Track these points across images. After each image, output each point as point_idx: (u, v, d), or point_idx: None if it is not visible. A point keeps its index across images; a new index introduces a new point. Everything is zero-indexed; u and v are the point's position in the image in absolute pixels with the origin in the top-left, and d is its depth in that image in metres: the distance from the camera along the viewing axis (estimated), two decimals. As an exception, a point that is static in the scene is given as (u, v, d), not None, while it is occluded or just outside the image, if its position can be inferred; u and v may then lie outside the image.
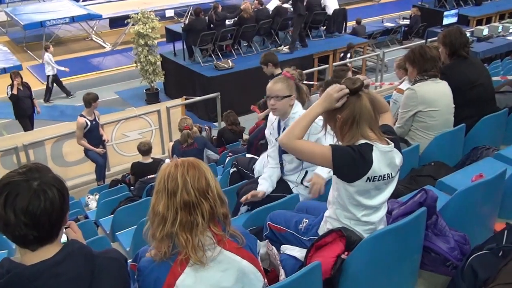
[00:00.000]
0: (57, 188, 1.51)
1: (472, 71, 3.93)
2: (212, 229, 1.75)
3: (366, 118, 2.12)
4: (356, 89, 2.11)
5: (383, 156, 2.10)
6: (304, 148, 2.15)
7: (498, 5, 15.95)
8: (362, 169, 2.07)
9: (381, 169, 2.10)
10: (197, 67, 11.41)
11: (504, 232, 2.37)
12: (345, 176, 2.11)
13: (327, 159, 2.08)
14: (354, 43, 12.88)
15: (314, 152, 2.13)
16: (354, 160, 2.05)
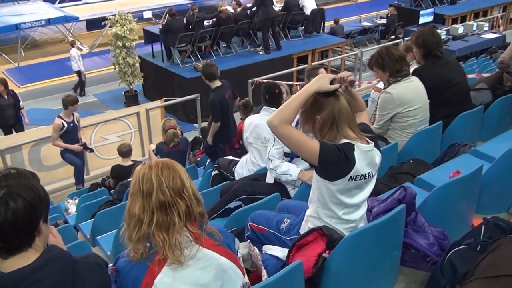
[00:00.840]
0: (24, 198, 1.48)
1: (448, 70, 3.97)
2: (189, 228, 1.76)
3: (345, 118, 2.13)
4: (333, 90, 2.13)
5: (364, 156, 2.13)
6: (293, 137, 2.10)
7: (472, 4, 16.23)
8: (346, 169, 2.09)
9: (363, 168, 2.12)
10: (176, 69, 11.36)
11: (481, 227, 2.41)
12: (328, 174, 2.12)
13: (314, 154, 2.07)
14: (332, 42, 13.00)
15: (303, 144, 2.09)
16: (339, 159, 2.06)
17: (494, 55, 9.78)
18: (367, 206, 2.59)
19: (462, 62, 10.91)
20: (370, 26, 15.09)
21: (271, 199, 3.01)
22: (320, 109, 2.14)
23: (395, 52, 3.63)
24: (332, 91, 2.12)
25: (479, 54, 11.74)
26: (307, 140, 2.10)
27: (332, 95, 2.14)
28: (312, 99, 2.15)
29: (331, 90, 2.12)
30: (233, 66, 11.37)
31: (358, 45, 14.51)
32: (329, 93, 2.13)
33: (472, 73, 7.74)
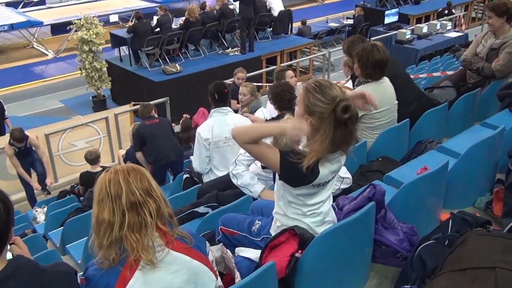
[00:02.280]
0: (2, 200, 1.46)
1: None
2: (160, 230, 1.75)
3: None
4: (344, 120, 2.01)
5: (331, 163, 2.13)
6: (253, 152, 2.15)
7: (435, 4, 16.57)
8: (308, 179, 2.10)
9: (327, 176, 2.14)
10: (144, 72, 11.24)
11: (449, 221, 2.47)
12: (290, 182, 2.14)
13: (275, 166, 2.11)
14: (300, 43, 13.09)
15: (263, 158, 2.15)
16: (300, 172, 2.04)
17: (458, 53, 10.01)
18: (338, 204, 2.63)
19: (427, 60, 11.15)
20: (337, 26, 15.25)
21: (242, 202, 3.02)
22: (313, 113, 2.09)
23: (377, 56, 3.60)
24: (344, 120, 2.02)
25: (443, 53, 12.00)
26: (267, 155, 2.11)
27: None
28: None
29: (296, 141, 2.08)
30: (202, 68, 11.32)
31: (326, 46, 14.64)
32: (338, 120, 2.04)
33: (437, 71, 7.93)
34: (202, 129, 4.17)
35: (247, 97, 5.90)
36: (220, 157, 4.15)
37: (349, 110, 2.00)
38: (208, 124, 4.18)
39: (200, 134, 4.15)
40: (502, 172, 3.20)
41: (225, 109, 4.22)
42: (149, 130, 5.66)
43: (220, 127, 4.11)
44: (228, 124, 4.09)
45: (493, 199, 3.03)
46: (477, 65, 4.69)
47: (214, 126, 4.11)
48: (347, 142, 2.10)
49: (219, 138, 4.10)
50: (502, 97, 4.09)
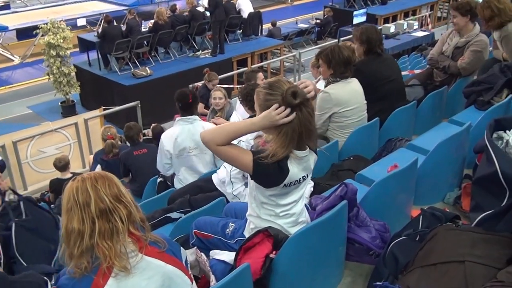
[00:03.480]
0: None
1: (385, 67, 4.12)
2: (132, 235, 1.74)
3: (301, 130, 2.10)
4: (296, 105, 2.05)
5: (299, 162, 2.15)
6: (224, 155, 2.13)
7: (402, 4, 16.87)
8: (279, 179, 2.11)
9: (297, 175, 2.15)
10: (114, 76, 11.10)
11: (419, 217, 2.51)
12: (262, 183, 2.15)
13: (247, 168, 2.10)
14: (271, 45, 13.15)
15: (235, 160, 2.13)
16: (272, 171, 2.07)
17: (424, 52, 10.20)
18: (311, 204, 2.65)
19: (396, 59, 11.32)
20: (307, 27, 15.35)
21: (215, 205, 3.01)
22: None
23: (345, 54, 3.68)
24: (295, 104, 2.04)
25: (410, 52, 12.22)
26: (239, 156, 2.11)
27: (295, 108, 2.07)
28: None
29: (285, 122, 2.05)
30: (173, 71, 11.26)
31: (296, 47, 14.72)
32: (292, 106, 2.06)
33: (405, 70, 8.05)
34: (165, 138, 4.09)
35: (223, 101, 5.88)
36: (186, 165, 4.10)
37: (298, 94, 2.05)
38: (172, 134, 4.08)
39: (162, 143, 4.09)
40: (470, 167, 3.28)
41: (190, 118, 4.10)
42: (135, 161, 5.27)
43: (184, 137, 4.02)
44: (194, 134, 4.00)
45: (462, 194, 3.11)
46: (443, 63, 4.79)
47: (178, 137, 4.02)
48: (308, 132, 2.11)
49: (182, 148, 4.02)
50: (468, 94, 4.19)
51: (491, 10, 4.07)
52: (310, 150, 2.20)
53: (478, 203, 2.55)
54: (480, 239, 2.01)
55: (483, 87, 4.04)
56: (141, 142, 5.55)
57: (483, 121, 3.39)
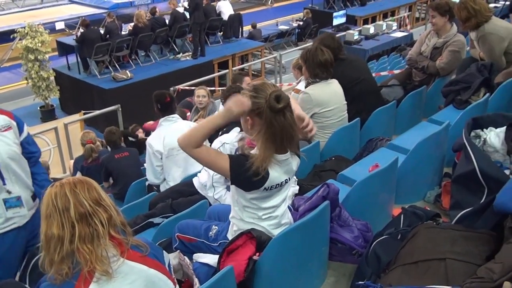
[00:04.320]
0: None
1: (352, 70, 4.15)
2: (113, 239, 1.72)
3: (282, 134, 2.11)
4: (279, 109, 2.05)
5: (281, 165, 2.15)
6: (202, 158, 2.12)
7: (381, 5, 17.06)
8: (259, 182, 2.11)
9: (278, 178, 2.15)
10: (94, 80, 11.01)
11: (400, 216, 2.54)
12: (242, 186, 2.14)
13: (225, 172, 2.10)
14: (251, 46, 13.18)
15: (213, 164, 2.13)
16: (249, 175, 2.06)
17: (403, 52, 10.32)
18: (294, 205, 2.66)
19: (375, 60, 11.44)
20: (287, 29, 15.42)
21: (198, 207, 3.00)
22: (252, 112, 2.11)
23: (321, 56, 3.71)
24: (278, 109, 2.04)
25: (390, 52, 12.36)
26: (217, 160, 2.10)
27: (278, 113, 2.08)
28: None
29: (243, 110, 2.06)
30: (153, 74, 11.20)
31: (277, 48, 14.77)
32: (274, 111, 2.05)
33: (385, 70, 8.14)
34: (153, 140, 4.10)
35: (206, 99, 5.87)
36: (176, 166, 4.10)
37: (282, 99, 2.05)
38: (158, 134, 4.10)
39: (151, 146, 4.08)
40: (449, 166, 3.32)
41: (174, 117, 4.15)
42: (117, 164, 5.21)
43: (171, 135, 3.99)
44: (180, 132, 3.99)
45: (442, 193, 3.14)
46: (422, 63, 4.85)
47: (165, 136, 4.03)
48: (290, 136, 2.11)
49: (172, 147, 4.01)
50: (446, 93, 4.25)
51: (467, 11, 4.14)
52: (292, 153, 2.19)
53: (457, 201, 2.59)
54: (460, 236, 2.04)
55: (461, 86, 4.10)
56: (122, 146, 5.51)
57: (461, 120, 3.43)
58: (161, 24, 11.95)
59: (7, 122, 2.74)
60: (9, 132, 2.72)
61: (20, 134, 2.83)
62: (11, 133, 2.73)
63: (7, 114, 2.78)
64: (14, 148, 2.72)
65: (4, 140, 2.67)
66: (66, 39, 12.62)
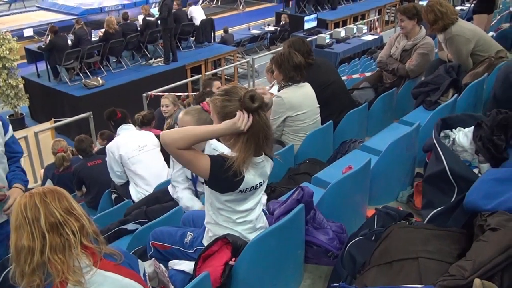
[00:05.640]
0: None
1: (321, 73, 4.18)
2: (86, 249, 1.70)
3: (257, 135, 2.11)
4: (255, 109, 2.06)
5: (255, 167, 2.15)
6: (183, 157, 2.07)
7: (351, 9, 17.29)
8: (235, 184, 2.10)
9: (253, 180, 2.15)
10: (64, 87, 10.84)
11: (374, 217, 2.56)
12: (218, 188, 2.13)
13: (205, 172, 2.08)
14: (224, 51, 13.18)
15: (194, 164, 2.09)
16: (228, 176, 2.06)
17: (374, 55, 10.47)
18: (269, 209, 2.66)
19: (347, 63, 11.58)
20: (259, 33, 15.49)
21: (172, 214, 2.97)
22: (227, 116, 2.10)
23: (295, 59, 3.72)
24: (254, 108, 2.05)
25: (361, 55, 12.52)
26: (198, 160, 2.07)
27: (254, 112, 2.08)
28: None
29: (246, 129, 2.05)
30: (125, 81, 11.10)
31: (249, 53, 14.82)
32: (250, 110, 2.06)
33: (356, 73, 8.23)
34: (113, 147, 4.29)
35: (170, 108, 5.85)
36: (142, 166, 4.21)
37: (256, 98, 2.05)
38: (117, 141, 4.34)
39: (113, 153, 4.27)
40: (421, 166, 3.38)
41: (128, 124, 4.53)
42: (90, 172, 5.15)
43: (130, 139, 4.33)
44: (138, 134, 4.45)
45: (414, 192, 3.19)
46: (392, 66, 4.94)
47: (125, 141, 4.30)
48: (266, 135, 2.12)
49: (133, 149, 4.23)
50: (416, 95, 4.33)
51: (434, 14, 4.23)
52: (266, 156, 2.20)
53: (429, 200, 2.64)
54: (432, 235, 2.07)
55: (430, 87, 4.18)
56: (94, 153, 5.44)
57: (431, 120, 3.49)
58: (133, 29, 11.85)
59: None
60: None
61: (6, 134, 2.89)
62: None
63: None
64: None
65: None
66: (34, 46, 12.40)
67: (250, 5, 21.31)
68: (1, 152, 2.84)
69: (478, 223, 1.98)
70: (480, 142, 2.58)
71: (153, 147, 4.32)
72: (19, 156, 3.02)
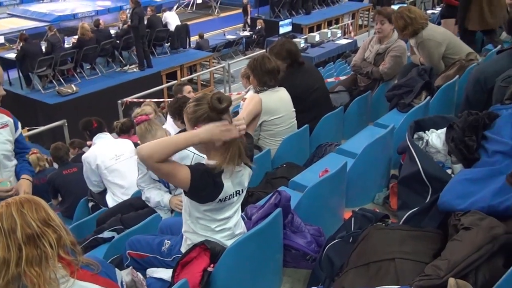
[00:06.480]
0: None
1: (309, 77, 4.22)
2: (63, 260, 1.67)
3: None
4: (223, 109, 2.05)
5: (234, 176, 2.14)
6: (162, 170, 2.01)
7: (325, 13, 17.46)
8: (214, 194, 2.09)
9: (231, 189, 2.14)
10: (37, 95, 10.67)
11: (351, 219, 2.58)
12: (198, 198, 2.12)
13: (185, 183, 2.03)
14: (199, 57, 13.17)
15: (173, 176, 2.02)
16: (208, 186, 2.05)
17: (348, 59, 10.58)
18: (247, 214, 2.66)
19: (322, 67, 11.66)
20: (235, 38, 15.51)
21: (150, 221, 2.95)
22: (197, 120, 2.09)
23: (268, 64, 3.73)
24: (221, 110, 2.03)
25: (335, 59, 12.63)
26: (178, 171, 2.02)
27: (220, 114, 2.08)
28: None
29: (227, 140, 2.04)
30: (100, 88, 10.98)
31: (225, 58, 14.81)
32: (217, 111, 2.05)
33: (331, 77, 8.30)
34: (90, 157, 4.25)
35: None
36: (120, 175, 4.18)
37: (223, 99, 2.05)
38: (93, 151, 4.30)
39: (89, 163, 4.22)
40: (396, 168, 3.42)
41: (105, 133, 4.47)
42: (65, 180, 5.05)
43: (106, 148, 4.28)
44: (115, 143, 4.39)
45: (390, 194, 3.23)
46: (366, 69, 5.00)
47: (101, 150, 4.25)
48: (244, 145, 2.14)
49: (110, 158, 4.19)
50: (390, 97, 4.39)
51: (404, 20, 4.32)
52: (244, 165, 2.19)
53: (404, 201, 2.68)
54: (408, 236, 2.10)
55: (403, 90, 4.25)
56: (70, 161, 5.37)
57: (405, 123, 3.54)
58: (106, 36, 11.74)
59: (5, 119, 2.97)
60: (5, 130, 2.94)
61: (16, 131, 3.06)
62: (6, 131, 2.95)
63: (5, 112, 3.01)
64: (8, 146, 2.95)
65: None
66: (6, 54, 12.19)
67: (225, 10, 21.32)
68: (11, 150, 3.00)
69: (452, 222, 2.01)
70: (452, 143, 2.62)
71: (130, 156, 4.25)
72: (27, 152, 3.24)
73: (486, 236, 1.81)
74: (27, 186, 2.96)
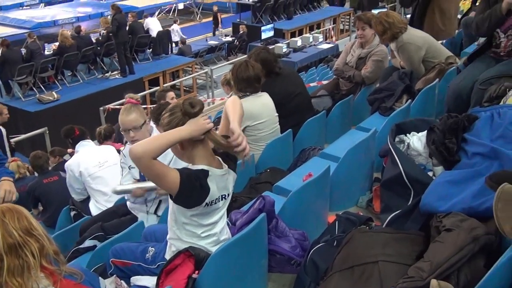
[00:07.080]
0: None
1: (288, 84, 4.22)
2: (45, 270, 1.65)
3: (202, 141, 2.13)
4: (196, 113, 2.07)
5: (219, 180, 2.15)
6: (154, 169, 2.00)
7: (306, 18, 17.57)
8: (201, 197, 2.09)
9: (216, 193, 2.14)
10: (17, 103, 10.54)
11: (335, 223, 2.60)
12: (185, 203, 2.11)
13: (174, 186, 2.02)
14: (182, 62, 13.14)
15: (164, 177, 2.02)
16: (195, 189, 2.06)
17: (330, 63, 10.66)
18: (232, 219, 2.66)
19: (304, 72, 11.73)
20: (217, 44, 15.52)
21: (133, 229, 2.92)
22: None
23: (244, 73, 3.74)
24: (194, 114, 2.07)
25: (317, 64, 12.72)
26: (168, 172, 2.02)
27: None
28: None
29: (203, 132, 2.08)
30: (81, 95, 10.89)
31: (208, 63, 14.81)
32: (190, 115, 2.09)
33: (314, 81, 8.35)
34: (73, 165, 4.21)
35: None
36: (103, 182, 4.14)
37: (195, 104, 2.07)
38: (77, 158, 4.27)
39: (72, 171, 4.19)
40: (378, 171, 3.45)
41: (87, 141, 4.49)
42: (46, 189, 5.00)
43: (89, 155, 4.26)
44: (98, 150, 4.40)
45: (373, 197, 3.26)
46: (348, 73, 5.05)
47: (84, 158, 4.22)
48: None
49: (93, 165, 4.17)
50: (372, 101, 4.43)
51: (382, 25, 4.39)
52: (228, 169, 2.21)
53: (387, 204, 2.70)
54: (391, 238, 2.12)
55: (385, 94, 4.29)
56: (50, 170, 5.31)
57: (387, 126, 3.57)
58: (87, 42, 11.66)
59: None
60: None
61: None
62: None
63: None
64: None
65: None
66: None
67: (207, 16, 21.29)
68: None
69: (434, 224, 2.03)
70: (433, 146, 2.65)
71: (114, 163, 4.22)
72: (4, 162, 3.23)
73: (467, 237, 1.84)
74: (9, 185, 2.92)
